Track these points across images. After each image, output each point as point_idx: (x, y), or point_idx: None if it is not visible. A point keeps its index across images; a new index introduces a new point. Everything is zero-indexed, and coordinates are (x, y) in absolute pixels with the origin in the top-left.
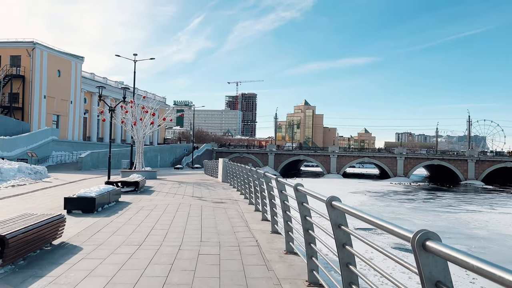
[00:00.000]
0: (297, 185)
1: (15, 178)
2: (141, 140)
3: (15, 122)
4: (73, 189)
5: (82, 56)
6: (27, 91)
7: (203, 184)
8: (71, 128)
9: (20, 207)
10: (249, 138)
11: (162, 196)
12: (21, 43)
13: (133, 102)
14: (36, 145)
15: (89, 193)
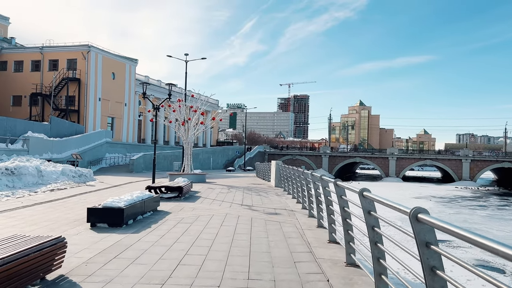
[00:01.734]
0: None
1: (57, 181)
2: (190, 141)
3: (68, 124)
4: (113, 195)
5: (136, 58)
6: (82, 93)
7: (254, 189)
8: (125, 130)
9: (43, 217)
10: (301, 140)
11: (207, 204)
12: (77, 46)
13: (181, 100)
14: (88, 147)
15: (117, 202)
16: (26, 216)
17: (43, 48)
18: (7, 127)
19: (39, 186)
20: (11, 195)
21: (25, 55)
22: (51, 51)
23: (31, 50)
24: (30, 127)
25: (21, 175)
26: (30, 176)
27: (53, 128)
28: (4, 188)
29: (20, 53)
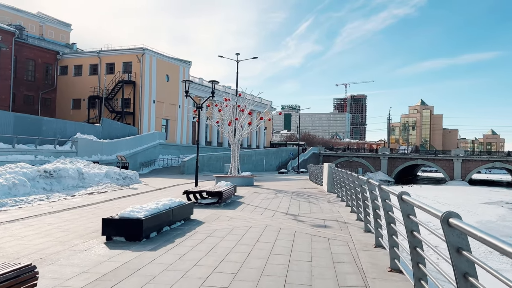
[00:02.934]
0: None
1: (99, 184)
2: (236, 142)
3: (120, 126)
4: (153, 199)
5: (190, 60)
6: (137, 96)
7: (303, 195)
8: (179, 132)
9: (62, 226)
10: (358, 141)
11: (248, 212)
12: (132, 49)
13: (228, 100)
14: (140, 148)
15: (137, 212)
16: (44, 225)
17: (100, 52)
18: (57, 129)
19: (78, 189)
20: (46, 199)
21: (84, 59)
22: (108, 54)
23: (89, 55)
24: (80, 129)
25: (61, 178)
26: (70, 179)
27: (104, 130)
28: (41, 191)
29: (79, 57)
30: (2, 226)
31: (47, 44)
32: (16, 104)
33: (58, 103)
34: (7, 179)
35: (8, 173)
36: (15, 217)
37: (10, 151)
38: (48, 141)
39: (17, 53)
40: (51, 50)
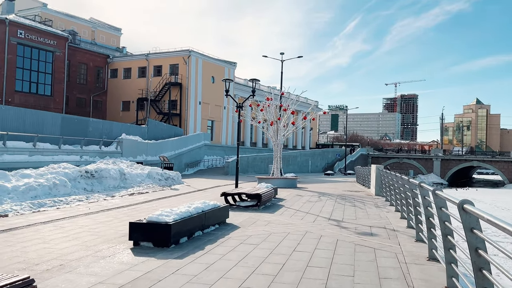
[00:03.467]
0: None
1: (140, 184)
2: (279, 143)
3: (166, 127)
4: (193, 200)
5: (235, 62)
6: (183, 97)
7: (349, 198)
8: (224, 132)
9: (93, 228)
10: (409, 142)
11: (287, 217)
12: (178, 52)
13: (270, 99)
14: (186, 149)
15: (166, 216)
16: (76, 227)
17: (148, 55)
18: (103, 130)
19: (119, 190)
20: (85, 199)
21: (132, 62)
22: (155, 57)
23: (137, 58)
24: (126, 130)
25: (102, 178)
26: (111, 179)
27: (150, 131)
28: (82, 192)
29: (128, 61)
30: (35, 228)
31: (98, 48)
32: (69, 107)
33: (108, 105)
34: (48, 179)
35: (50, 173)
36: (50, 218)
37: (56, 151)
38: (93, 141)
39: (70, 58)
40: (102, 54)
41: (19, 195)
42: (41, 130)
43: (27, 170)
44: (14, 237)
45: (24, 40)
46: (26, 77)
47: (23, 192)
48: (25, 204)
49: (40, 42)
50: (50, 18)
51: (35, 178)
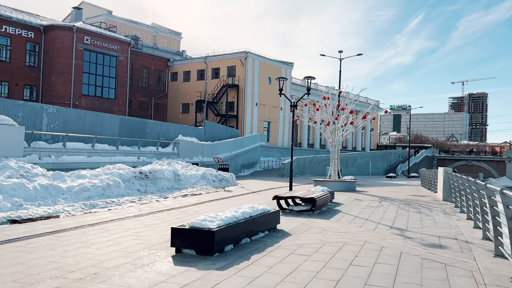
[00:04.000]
0: None
1: (195, 185)
2: (336, 144)
3: (223, 129)
4: (246, 202)
5: (292, 62)
6: (240, 99)
7: (414, 204)
8: (281, 134)
9: (138, 232)
10: (478, 144)
11: (344, 224)
12: (235, 54)
13: (327, 98)
14: (241, 150)
15: (209, 222)
16: (121, 231)
17: (207, 58)
18: (161, 132)
19: (173, 191)
20: (137, 200)
21: (191, 65)
22: (213, 60)
23: (196, 61)
24: (183, 131)
25: (156, 179)
26: (165, 181)
27: (206, 132)
28: (135, 192)
29: (187, 64)
30: (81, 231)
31: (159, 52)
32: (132, 109)
33: (169, 108)
34: (102, 180)
35: (105, 174)
36: (99, 219)
37: (114, 152)
38: (151, 143)
39: (132, 62)
40: (163, 58)
41: (73, 196)
42: (101, 132)
43: (84, 170)
44: (58, 240)
45: (90, 46)
46: (92, 81)
47: (76, 192)
48: (77, 205)
49: (104, 47)
50: (115, 24)
51: (90, 179)
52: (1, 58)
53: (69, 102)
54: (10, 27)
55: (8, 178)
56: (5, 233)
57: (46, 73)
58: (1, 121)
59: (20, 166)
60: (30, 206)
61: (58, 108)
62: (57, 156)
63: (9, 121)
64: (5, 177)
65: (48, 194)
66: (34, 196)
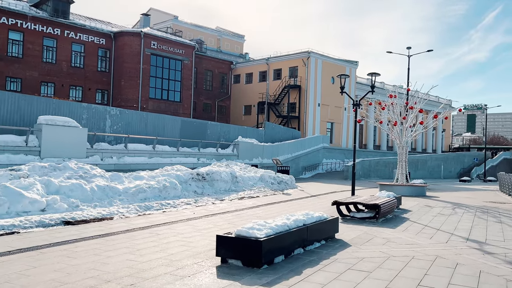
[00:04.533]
0: None
1: (252, 188)
2: (404, 145)
3: (283, 130)
4: (300, 208)
5: (356, 61)
6: (302, 100)
7: (493, 212)
8: (344, 135)
9: (187, 237)
10: None
11: (412, 234)
12: (297, 54)
13: (394, 96)
14: (303, 152)
15: (257, 230)
16: (170, 235)
17: (269, 59)
18: (221, 133)
19: (229, 193)
20: (193, 203)
21: (254, 67)
22: (275, 61)
23: (258, 62)
24: (243, 133)
25: (213, 181)
26: (222, 182)
27: (267, 134)
28: (191, 194)
29: (250, 66)
30: (130, 235)
31: (223, 55)
32: (197, 112)
33: (232, 110)
34: (159, 182)
35: (162, 175)
36: (150, 223)
37: (174, 154)
38: (211, 144)
39: (197, 65)
40: (226, 61)
41: (129, 197)
42: (162, 133)
43: (143, 172)
44: (105, 245)
45: (156, 51)
46: (158, 84)
47: (133, 194)
48: (132, 207)
49: (170, 51)
50: (180, 29)
51: (147, 180)
52: (76, 64)
53: (137, 105)
54: (84, 34)
55: (67, 179)
56: (56, 235)
57: (116, 78)
58: (65, 123)
59: (80, 167)
60: (86, 207)
61: (121, 110)
62: (118, 157)
63: (73, 123)
64: (64, 178)
65: (104, 195)
66: (91, 197)
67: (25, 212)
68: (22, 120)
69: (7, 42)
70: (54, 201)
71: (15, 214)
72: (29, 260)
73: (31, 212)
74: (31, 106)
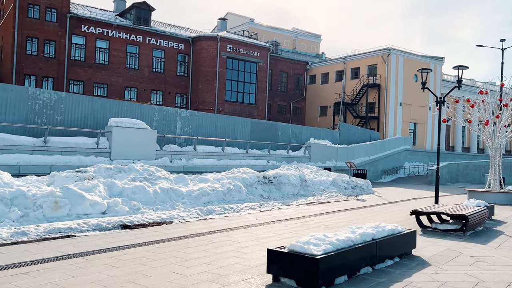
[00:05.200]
0: None
1: (323, 192)
2: (497, 147)
3: (360, 131)
4: (374, 217)
5: (442, 57)
6: (382, 99)
7: None
8: (429, 136)
9: (243, 248)
10: None
11: (508, 252)
12: (376, 51)
13: (485, 92)
14: (382, 154)
15: (313, 245)
16: (225, 244)
17: (346, 58)
18: (292, 135)
19: (298, 197)
20: (257, 207)
21: (330, 67)
22: (352, 59)
23: (335, 62)
24: (315, 134)
25: (280, 185)
26: (290, 186)
27: (342, 135)
28: (257, 198)
29: (325, 65)
30: (184, 241)
31: (298, 56)
32: (271, 114)
33: (307, 111)
34: (223, 185)
35: (227, 178)
36: (209, 228)
37: (244, 156)
38: (281, 146)
39: (272, 67)
40: (301, 61)
41: (192, 200)
42: (232, 135)
43: (210, 174)
44: (154, 252)
45: (232, 54)
46: (234, 87)
47: (196, 197)
48: (194, 211)
49: (245, 54)
50: (256, 31)
51: (211, 183)
52: (156, 69)
53: (213, 108)
54: (164, 40)
55: (131, 181)
56: (109, 240)
57: (194, 82)
58: (134, 125)
59: (145, 169)
60: (147, 210)
61: (191, 112)
62: (187, 159)
63: (142, 125)
64: (128, 180)
65: (167, 198)
66: (153, 200)
67: (85, 215)
68: (96, 123)
69: (95, 50)
70: (115, 203)
71: (75, 217)
72: (71, 268)
73: (91, 214)
74: (104, 109)
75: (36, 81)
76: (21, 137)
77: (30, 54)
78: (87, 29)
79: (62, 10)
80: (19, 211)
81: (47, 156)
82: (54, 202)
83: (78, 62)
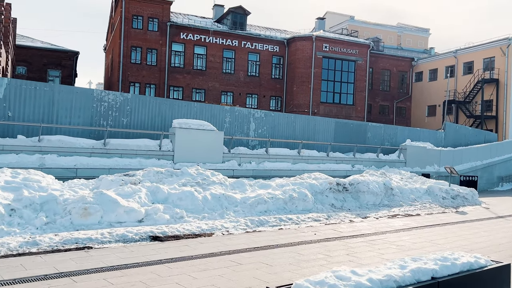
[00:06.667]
0: None
1: (414, 203)
2: None
3: (472, 132)
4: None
5: None
6: (501, 96)
7: None
8: None
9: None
10: None
11: None
12: (494, 42)
13: None
14: (499, 159)
15: (331, 286)
16: (248, 268)
17: (457, 52)
18: (385, 136)
19: (379, 208)
20: (323, 219)
21: (438, 62)
22: (465, 52)
23: (444, 56)
24: (414, 135)
25: (358, 193)
26: (370, 195)
27: (448, 137)
28: (327, 208)
29: (433, 61)
30: (204, 261)
31: (403, 52)
32: (372, 114)
33: (412, 111)
34: (285, 192)
35: (292, 184)
36: (248, 244)
37: (323, 159)
38: (371, 149)
39: (372, 65)
40: (405, 58)
41: (246, 209)
42: (312, 137)
43: (279, 179)
44: (159, 275)
45: (328, 53)
46: (330, 88)
47: (250, 205)
48: (243, 221)
49: (342, 53)
50: (356, 29)
51: (273, 190)
52: (251, 73)
53: (308, 110)
54: (259, 44)
55: (181, 186)
56: (124, 256)
57: (289, 84)
58: (199, 126)
59: (199, 173)
60: (191, 219)
61: (266, 113)
62: (258, 162)
63: (208, 126)
64: (178, 185)
65: (218, 205)
66: (201, 207)
67: (119, 223)
68: (164, 125)
69: (193, 56)
70: (155, 211)
71: (107, 225)
72: None
73: (126, 222)
74: (172, 110)
75: (140, 88)
76: (80, 139)
77: (134, 62)
78: (186, 36)
79: (163, 19)
80: (45, 217)
81: (105, 159)
82: (83, 208)
83: (177, 69)
